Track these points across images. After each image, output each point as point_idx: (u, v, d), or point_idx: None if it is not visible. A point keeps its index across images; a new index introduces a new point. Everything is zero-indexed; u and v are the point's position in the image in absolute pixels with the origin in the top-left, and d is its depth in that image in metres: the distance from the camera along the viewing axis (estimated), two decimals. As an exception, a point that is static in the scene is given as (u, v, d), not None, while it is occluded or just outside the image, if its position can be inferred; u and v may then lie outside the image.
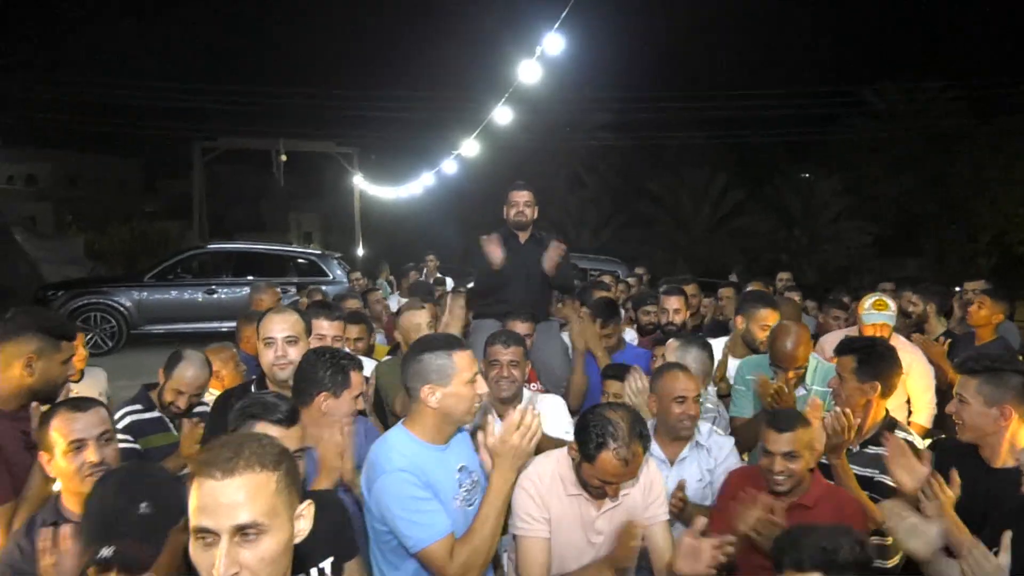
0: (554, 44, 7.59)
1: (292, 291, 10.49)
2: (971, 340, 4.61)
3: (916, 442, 3.06)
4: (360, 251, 23.17)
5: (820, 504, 2.63)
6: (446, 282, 7.92)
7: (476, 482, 2.45)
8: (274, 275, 11.24)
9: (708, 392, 3.75)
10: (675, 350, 3.72)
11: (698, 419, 3.11)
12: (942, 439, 2.69)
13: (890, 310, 4.12)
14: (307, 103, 29.99)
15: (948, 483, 2.35)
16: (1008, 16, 33.79)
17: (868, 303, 4.16)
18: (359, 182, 23.99)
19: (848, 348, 3.14)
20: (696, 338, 4.06)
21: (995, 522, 2.21)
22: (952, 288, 7.21)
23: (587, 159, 28.34)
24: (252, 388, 3.06)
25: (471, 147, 13.47)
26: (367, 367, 3.80)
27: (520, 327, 4.08)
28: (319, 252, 13.50)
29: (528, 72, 8.19)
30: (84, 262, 17.44)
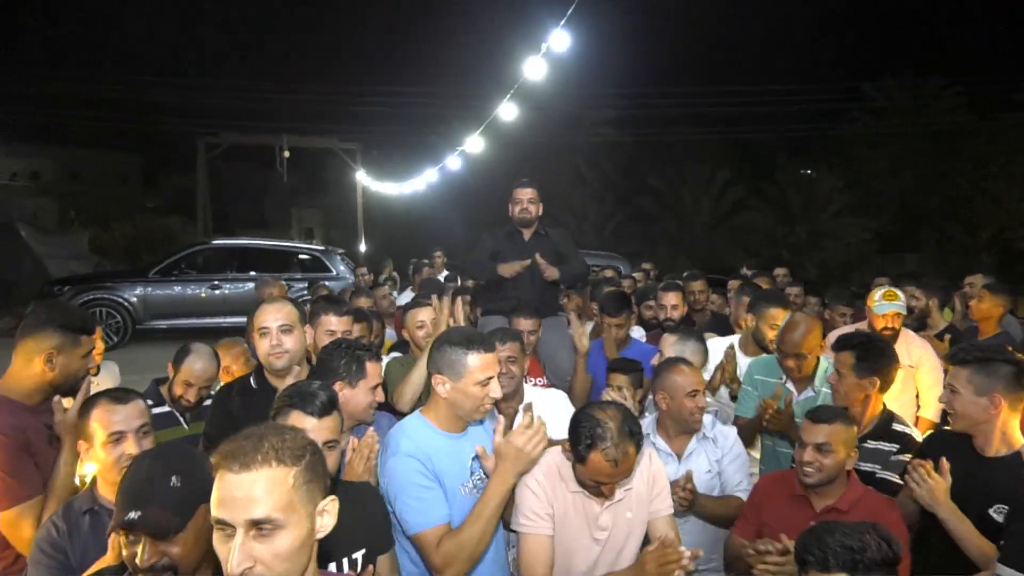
0: (560, 41, 7.57)
1: (295, 287, 10.52)
2: (974, 335, 4.64)
3: (915, 436, 3.10)
4: (363, 247, 23.19)
5: (855, 509, 2.54)
6: (458, 279, 7.93)
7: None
8: (278, 271, 11.30)
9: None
10: (673, 344, 3.75)
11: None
12: (936, 430, 2.72)
13: (900, 300, 4.15)
14: (310, 99, 29.93)
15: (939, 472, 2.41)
16: (1010, 13, 33.79)
17: (878, 294, 4.18)
18: (362, 178, 23.99)
19: (846, 344, 3.16)
20: (693, 332, 4.11)
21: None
22: (954, 283, 7.22)
23: (589, 155, 28.30)
24: (251, 380, 3.07)
25: (475, 143, 13.48)
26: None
27: (525, 324, 4.16)
28: (323, 248, 13.54)
29: (534, 69, 8.17)
30: (88, 257, 17.46)
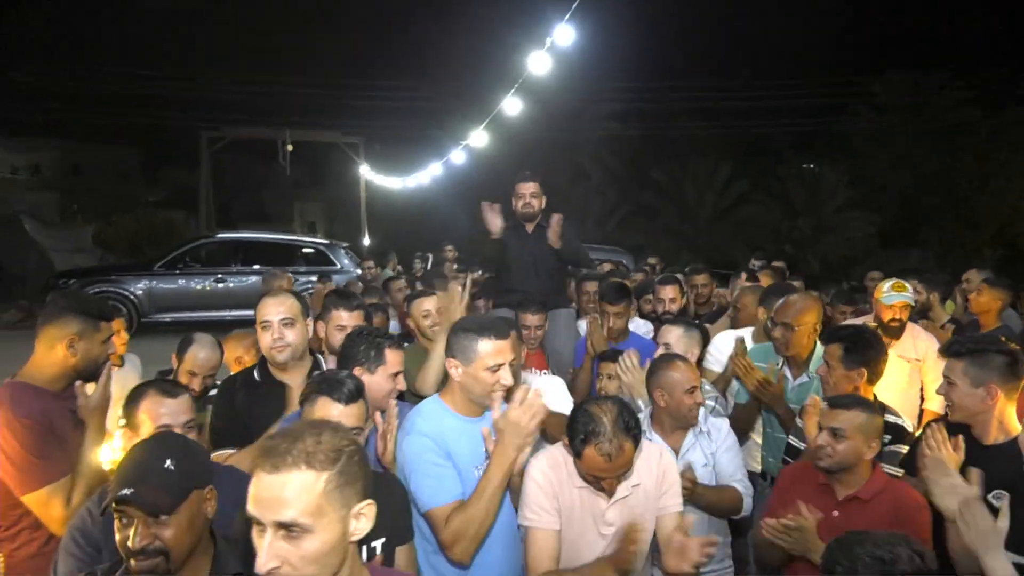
0: (564, 35, 7.54)
1: (299, 280, 10.56)
2: (975, 328, 4.69)
3: (907, 426, 3.15)
4: (366, 241, 23.22)
5: (877, 499, 2.53)
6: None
7: None
8: (281, 264, 11.32)
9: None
10: (681, 336, 3.77)
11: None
12: (933, 420, 2.77)
13: (909, 291, 4.20)
14: (313, 93, 29.93)
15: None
16: (1013, 8, 33.64)
17: (887, 286, 4.22)
18: (365, 172, 24.01)
19: (835, 336, 3.22)
20: (693, 323, 4.16)
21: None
22: (956, 278, 7.26)
23: (592, 149, 28.29)
24: (255, 372, 3.11)
25: (479, 138, 13.50)
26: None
27: (531, 319, 4.23)
28: (326, 242, 13.60)
29: (538, 63, 8.15)
30: (92, 251, 17.55)
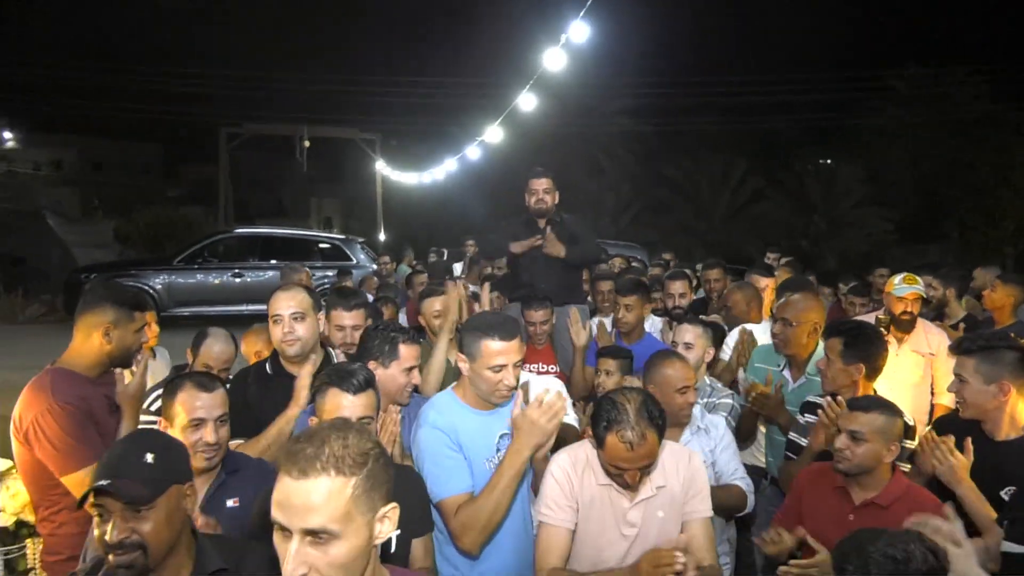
0: (579, 32, 7.56)
1: (316, 275, 10.64)
2: (990, 325, 4.68)
3: (908, 421, 3.16)
4: (382, 236, 23.34)
5: (896, 504, 2.45)
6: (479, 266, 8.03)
7: None
8: (299, 259, 11.42)
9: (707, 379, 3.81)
10: (700, 335, 3.78)
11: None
12: (944, 416, 2.78)
13: (920, 284, 4.20)
14: (331, 90, 30.13)
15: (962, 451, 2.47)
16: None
17: (898, 279, 4.24)
18: (381, 168, 24.11)
19: (835, 331, 3.19)
20: (709, 323, 4.19)
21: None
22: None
23: (607, 145, 28.24)
24: (266, 366, 3.14)
25: (495, 133, 13.54)
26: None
27: (535, 315, 4.30)
28: (343, 237, 13.70)
29: (553, 59, 8.17)
30: (113, 246, 17.79)
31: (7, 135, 32.65)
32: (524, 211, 5.03)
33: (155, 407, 3.19)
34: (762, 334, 4.18)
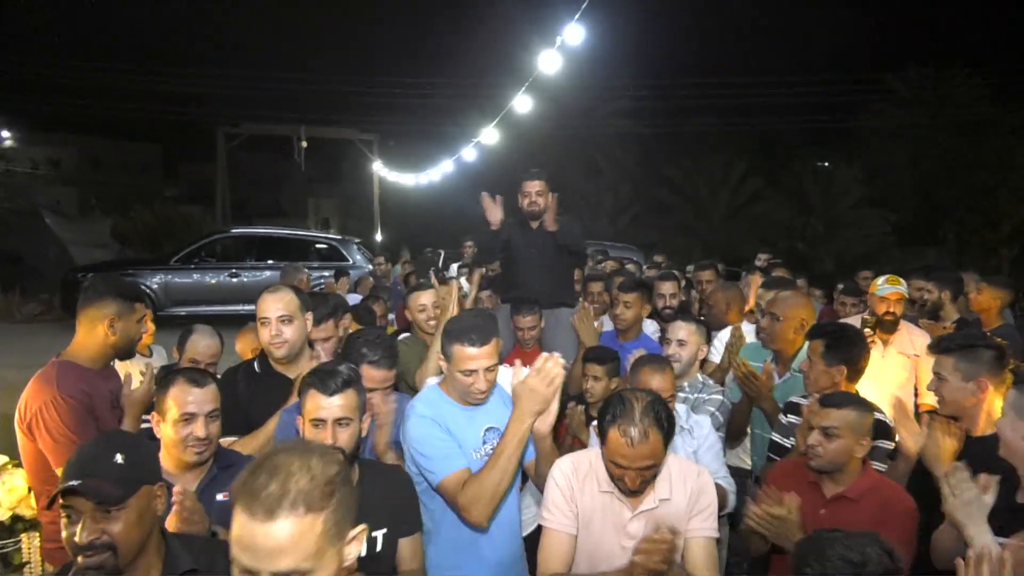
0: (574, 34, 7.60)
1: (313, 275, 10.66)
2: (977, 327, 4.72)
3: (888, 422, 3.18)
4: (379, 237, 23.38)
5: (865, 498, 2.51)
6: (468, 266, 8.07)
7: None
8: (296, 259, 11.46)
9: (699, 376, 3.84)
10: (694, 332, 3.80)
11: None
12: (923, 412, 2.82)
13: (903, 285, 4.28)
14: (329, 90, 30.22)
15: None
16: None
17: (881, 280, 4.32)
18: (379, 168, 24.15)
19: (818, 332, 3.22)
20: (701, 320, 4.22)
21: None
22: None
23: (605, 146, 28.28)
24: (255, 365, 3.16)
25: (490, 135, 13.58)
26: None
27: (523, 320, 4.34)
28: (339, 237, 13.73)
29: (548, 62, 8.21)
30: (110, 245, 17.81)
31: (5, 134, 32.63)
32: (517, 212, 5.07)
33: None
34: (752, 334, 4.22)
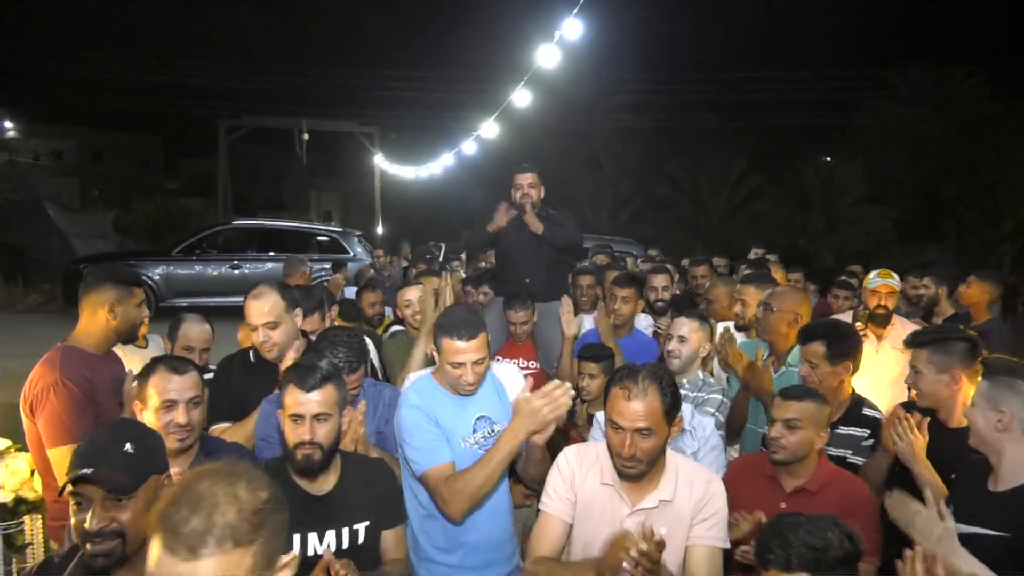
0: (573, 29, 7.60)
1: (314, 268, 10.71)
2: (967, 321, 4.78)
3: (878, 417, 3.24)
4: (380, 230, 23.41)
5: (824, 489, 2.55)
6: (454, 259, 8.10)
7: (495, 432, 2.69)
8: (296, 252, 11.52)
9: (700, 374, 3.79)
10: (697, 328, 3.75)
11: None
12: (902, 404, 2.87)
13: (895, 279, 4.38)
14: (330, 83, 30.25)
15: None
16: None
17: (873, 274, 4.43)
18: (380, 162, 24.17)
19: (814, 335, 3.14)
20: (705, 317, 4.25)
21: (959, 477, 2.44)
22: (966, 273, 7.31)
23: (606, 141, 28.27)
24: (250, 354, 3.22)
25: (490, 129, 13.59)
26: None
27: (514, 316, 4.38)
28: (340, 230, 13.79)
29: (546, 56, 8.20)
30: (112, 236, 17.86)
31: (8, 125, 32.67)
32: (511, 207, 5.09)
33: None
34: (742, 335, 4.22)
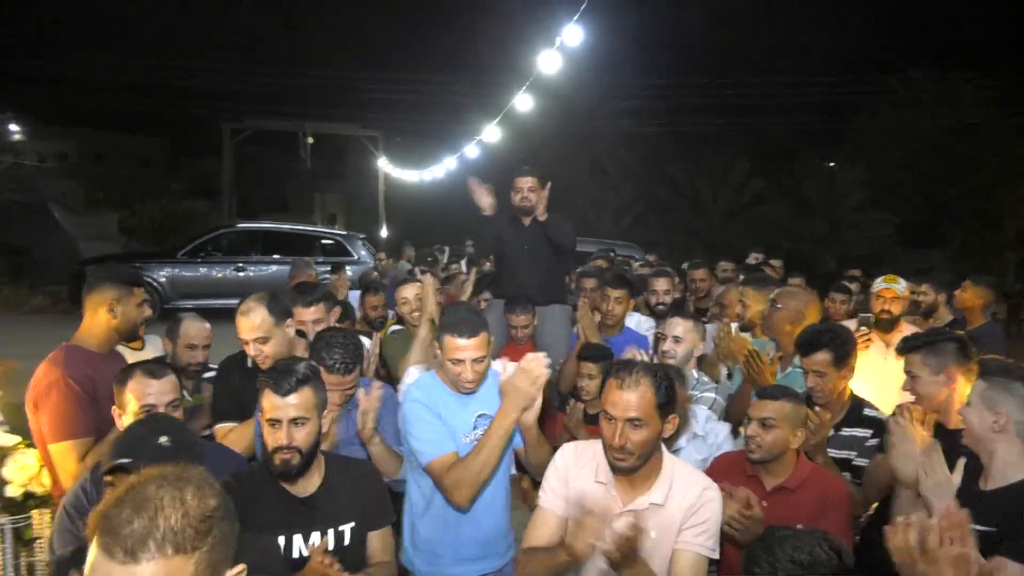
0: (573, 35, 7.64)
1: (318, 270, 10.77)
2: (961, 325, 4.83)
3: (883, 419, 3.30)
4: (383, 233, 23.49)
5: (804, 487, 2.57)
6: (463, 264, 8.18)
7: None
8: (300, 254, 11.60)
9: (694, 373, 3.81)
10: (691, 329, 3.78)
11: None
12: (899, 406, 2.90)
13: (901, 284, 4.45)
14: (334, 87, 30.33)
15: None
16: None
17: (879, 280, 4.51)
18: (383, 165, 24.25)
19: (816, 344, 3.08)
20: (699, 318, 4.31)
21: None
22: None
23: (609, 145, 28.33)
24: (248, 358, 3.20)
25: (493, 133, 13.67)
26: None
27: (515, 319, 4.42)
28: (344, 233, 13.87)
29: (548, 62, 8.26)
30: (117, 238, 17.98)
31: (13, 127, 32.90)
32: (509, 208, 5.15)
33: None
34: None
